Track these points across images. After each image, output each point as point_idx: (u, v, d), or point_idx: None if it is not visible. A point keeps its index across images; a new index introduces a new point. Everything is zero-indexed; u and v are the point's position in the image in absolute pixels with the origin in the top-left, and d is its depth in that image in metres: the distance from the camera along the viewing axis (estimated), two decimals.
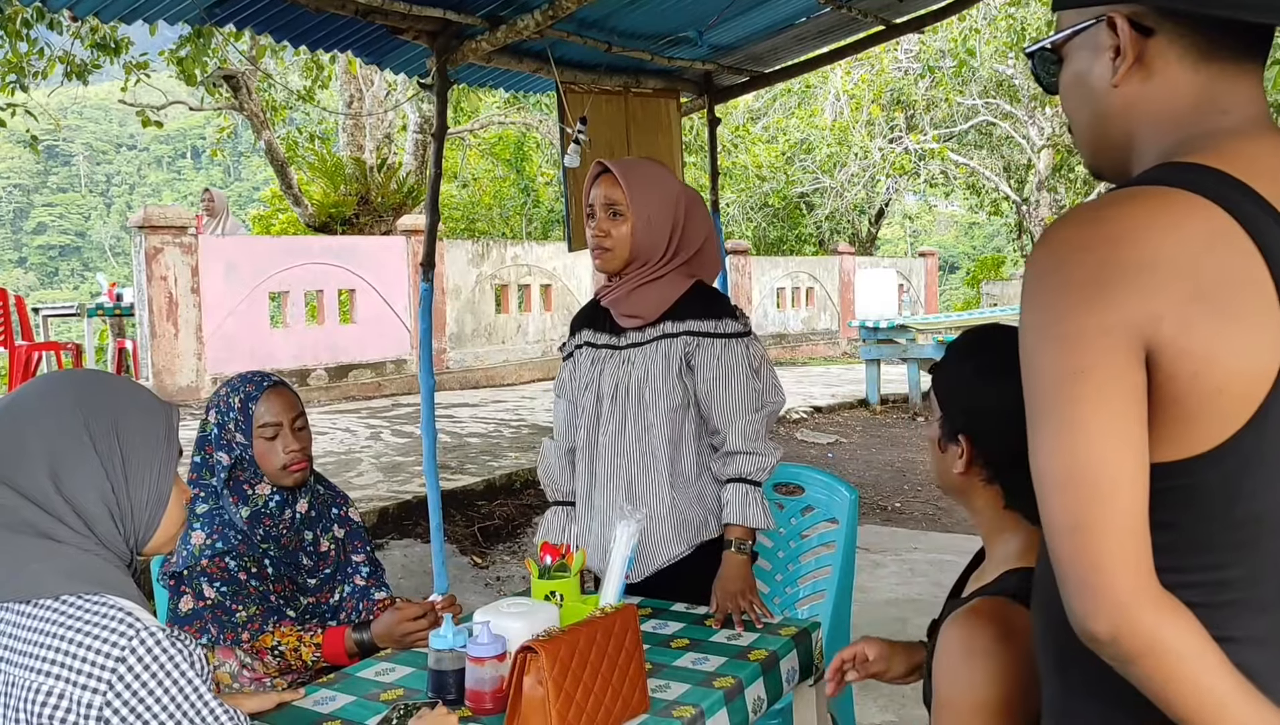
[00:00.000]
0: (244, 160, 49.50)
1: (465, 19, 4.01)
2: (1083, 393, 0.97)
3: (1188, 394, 0.97)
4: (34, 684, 1.29)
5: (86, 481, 1.39)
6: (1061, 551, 0.99)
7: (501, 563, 5.65)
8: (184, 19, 4.01)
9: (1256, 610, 1.00)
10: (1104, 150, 1.17)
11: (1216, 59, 1.07)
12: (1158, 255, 0.97)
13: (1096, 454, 0.97)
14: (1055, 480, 0.99)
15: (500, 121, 18.73)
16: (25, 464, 1.37)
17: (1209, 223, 0.98)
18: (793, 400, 10.82)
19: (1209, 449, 0.98)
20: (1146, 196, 1.01)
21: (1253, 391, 0.96)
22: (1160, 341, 0.96)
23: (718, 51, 5.10)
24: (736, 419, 2.47)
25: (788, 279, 17.76)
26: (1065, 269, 1.00)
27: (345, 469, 6.78)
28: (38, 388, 1.46)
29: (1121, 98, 1.11)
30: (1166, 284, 0.96)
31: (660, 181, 2.55)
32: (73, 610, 1.32)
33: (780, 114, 20.94)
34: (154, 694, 1.29)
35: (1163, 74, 1.09)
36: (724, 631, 2.28)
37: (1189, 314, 0.95)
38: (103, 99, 47.40)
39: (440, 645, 1.89)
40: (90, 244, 52.83)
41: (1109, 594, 0.97)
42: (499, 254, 12.80)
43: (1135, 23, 1.08)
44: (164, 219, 9.41)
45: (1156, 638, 0.96)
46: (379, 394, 11.06)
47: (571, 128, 4.52)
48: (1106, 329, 0.97)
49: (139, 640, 1.30)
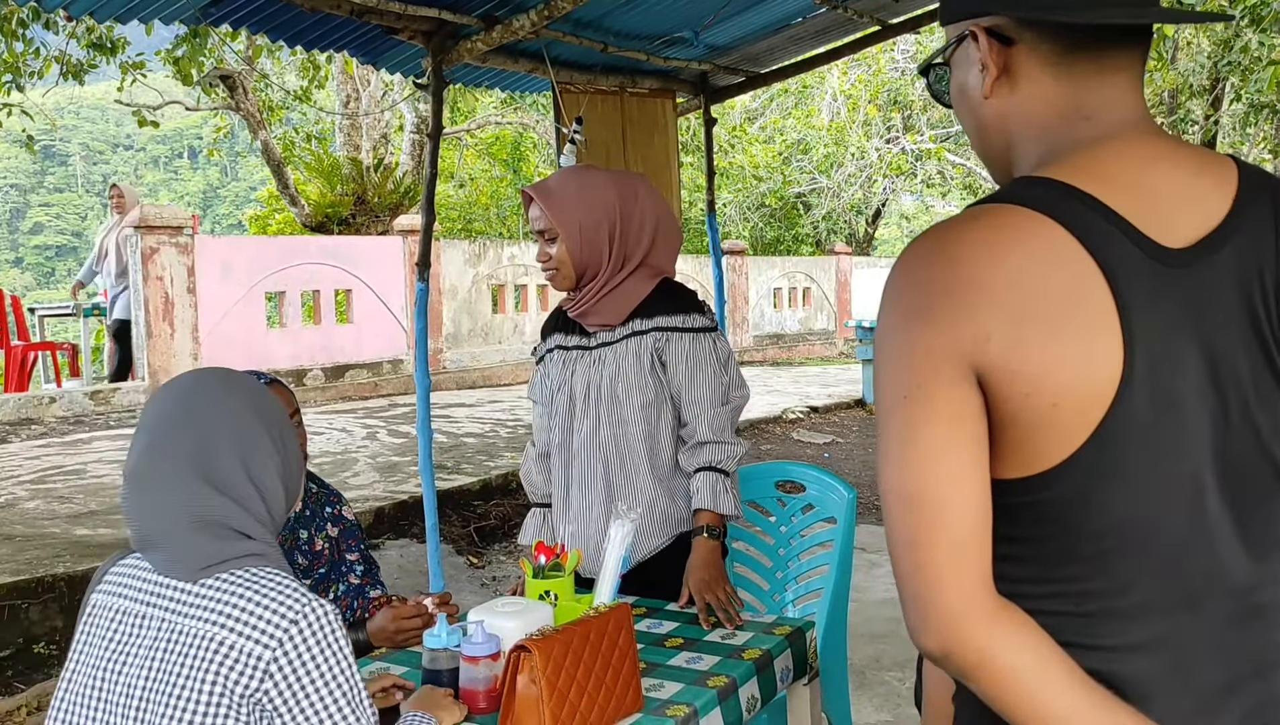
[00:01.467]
0: (240, 160, 49.50)
1: (460, 19, 4.02)
2: (914, 413, 0.98)
3: (1023, 412, 0.97)
4: (209, 634, 1.42)
5: (268, 464, 1.56)
6: (898, 568, 1.00)
7: (497, 562, 5.65)
8: (180, 19, 4.01)
9: (1130, 617, 1.00)
10: (991, 160, 1.17)
11: (1076, 64, 1.06)
12: (989, 276, 0.97)
13: (926, 473, 0.97)
14: (891, 498, 1.00)
15: (497, 121, 18.74)
16: (220, 460, 1.51)
17: (1043, 240, 0.97)
18: (789, 400, 10.83)
19: (1054, 465, 0.97)
20: (986, 216, 1.01)
21: (1091, 408, 0.95)
22: (989, 362, 0.96)
23: (714, 52, 5.10)
24: (705, 411, 2.49)
25: (784, 279, 17.77)
26: (908, 290, 1.01)
27: (341, 469, 6.78)
28: (200, 389, 1.59)
29: (993, 109, 1.11)
30: (994, 305, 0.96)
31: (584, 190, 2.53)
32: (251, 578, 1.47)
33: (777, 114, 20.93)
34: (315, 658, 1.43)
35: (1027, 84, 1.08)
36: (717, 630, 2.28)
37: (1018, 334, 0.95)
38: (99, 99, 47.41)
39: (435, 644, 1.89)
40: (87, 244, 52.69)
41: (938, 609, 0.97)
42: (495, 254, 12.80)
43: (997, 34, 1.08)
44: (160, 219, 9.40)
45: (988, 652, 0.96)
46: (375, 394, 11.05)
47: (567, 128, 4.53)
48: (935, 350, 0.97)
49: (310, 609, 1.44)
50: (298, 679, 1.41)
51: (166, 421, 1.54)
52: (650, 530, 2.53)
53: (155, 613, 1.47)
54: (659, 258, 2.60)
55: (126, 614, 1.50)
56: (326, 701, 1.43)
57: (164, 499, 1.50)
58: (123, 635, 1.49)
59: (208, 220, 49.20)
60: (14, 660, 4.03)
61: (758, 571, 3.11)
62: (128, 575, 1.54)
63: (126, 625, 1.49)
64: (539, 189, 2.56)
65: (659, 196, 2.63)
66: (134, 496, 1.53)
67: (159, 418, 1.55)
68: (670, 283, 2.62)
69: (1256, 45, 8.64)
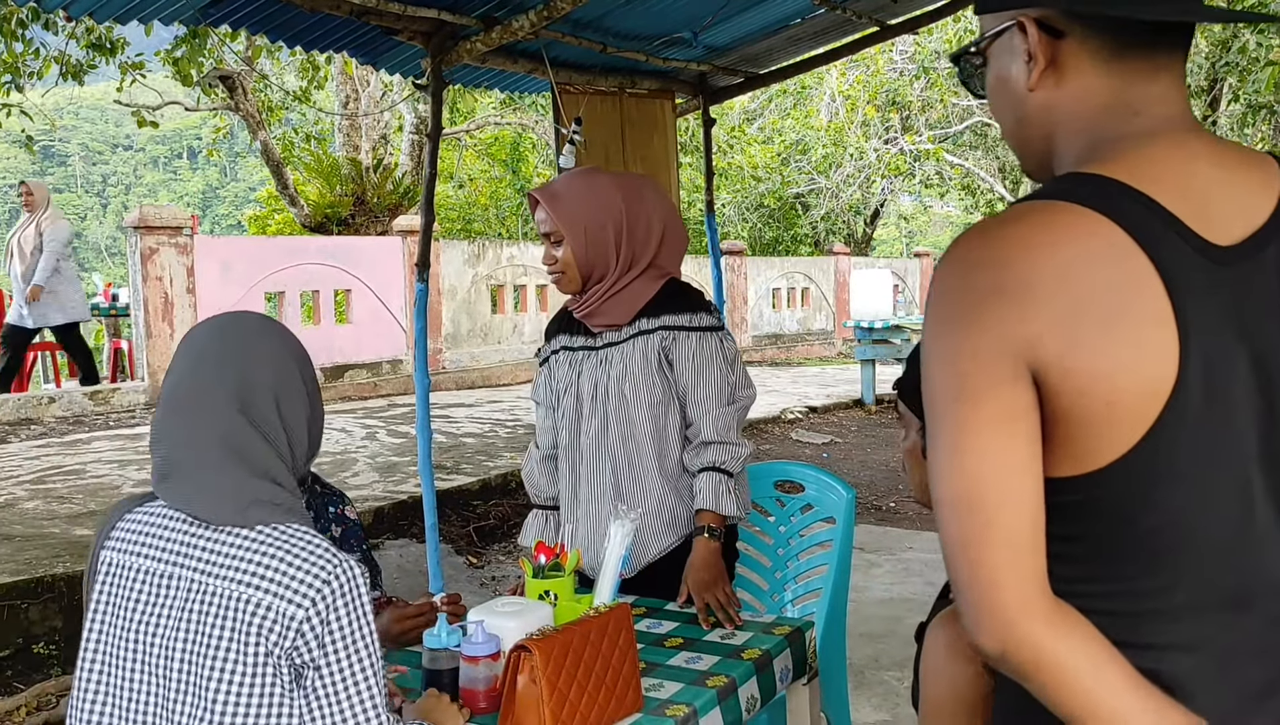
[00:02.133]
0: (240, 160, 49.46)
1: (460, 20, 4.02)
2: (967, 413, 0.98)
3: (1077, 410, 0.96)
4: (244, 596, 1.44)
5: (299, 408, 1.60)
6: (954, 570, 1.00)
7: (496, 562, 5.65)
8: (179, 19, 4.01)
9: (1176, 617, 1.00)
10: (1028, 154, 1.17)
11: (1127, 60, 1.06)
12: (1039, 274, 0.96)
13: (981, 473, 0.97)
14: (946, 500, 0.99)
15: (496, 122, 18.74)
16: (259, 393, 1.54)
17: (1095, 238, 0.97)
18: (788, 400, 10.83)
19: (1108, 463, 0.97)
20: (1036, 213, 1.01)
21: (1146, 406, 0.95)
22: (1044, 361, 0.96)
23: (713, 52, 5.10)
24: (710, 410, 2.49)
25: (783, 279, 17.77)
26: (953, 291, 1.01)
27: (341, 469, 6.78)
28: (245, 324, 1.63)
29: (1037, 102, 1.11)
30: (1047, 303, 0.95)
31: (590, 192, 2.52)
32: (283, 537, 1.49)
33: (776, 115, 20.93)
34: (342, 616, 1.46)
35: (1075, 77, 1.08)
36: (717, 630, 2.29)
37: (1071, 332, 0.95)
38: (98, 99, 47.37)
39: (435, 644, 1.89)
40: (86, 244, 52.71)
41: (996, 610, 0.97)
42: (494, 254, 12.80)
43: (1046, 26, 1.08)
44: (159, 219, 9.40)
45: (1045, 652, 0.96)
46: (375, 394, 11.05)
47: (567, 128, 4.53)
48: (987, 350, 0.97)
49: (342, 569, 1.47)
50: (329, 636, 1.45)
51: (209, 351, 1.57)
52: (659, 531, 2.53)
53: (183, 573, 1.48)
54: (665, 259, 2.59)
55: (151, 574, 1.50)
56: (352, 658, 1.47)
57: (198, 422, 1.51)
58: (149, 597, 1.49)
59: (207, 220, 49.21)
60: (13, 660, 4.03)
61: (757, 571, 3.11)
62: (146, 530, 1.54)
63: (151, 586, 1.49)
64: (545, 192, 2.54)
65: (666, 198, 2.62)
66: (168, 418, 1.54)
67: (200, 347, 1.59)
68: (676, 282, 2.61)
69: (1254, 46, 8.65)
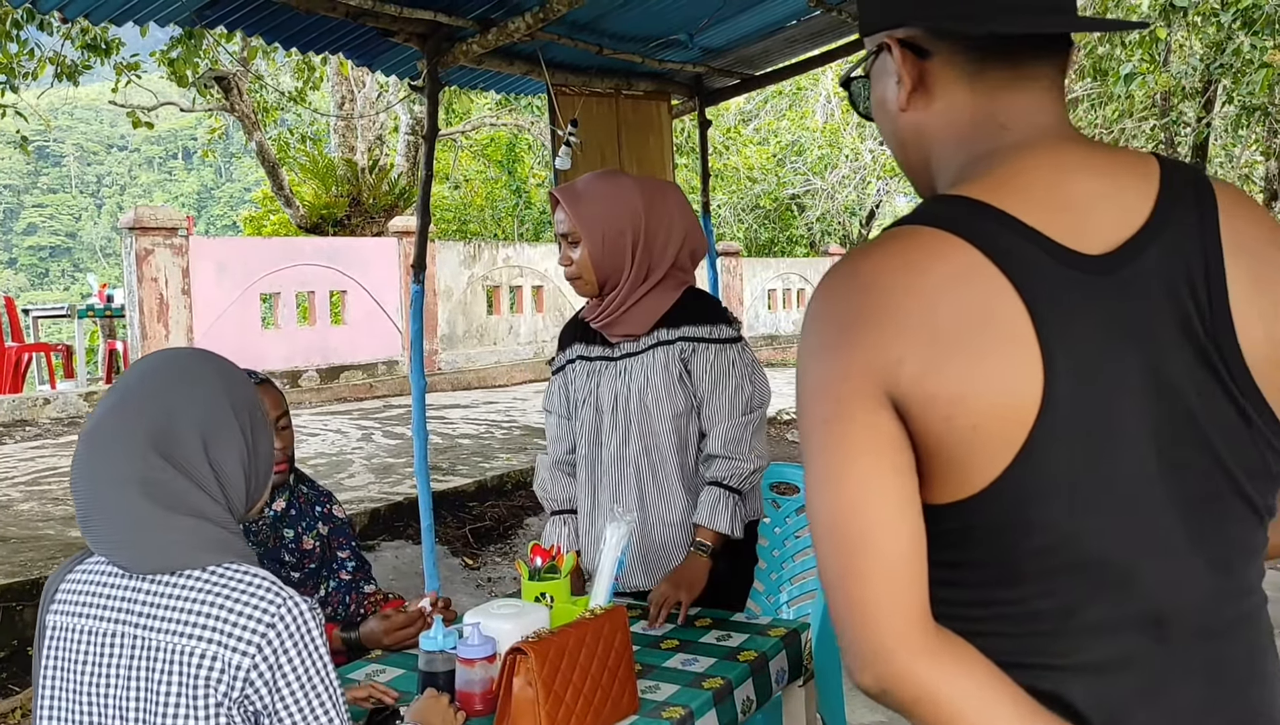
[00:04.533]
0: (235, 161, 49.40)
1: (456, 21, 4.02)
2: (833, 442, 0.96)
3: (946, 436, 0.94)
4: (186, 648, 1.37)
5: (230, 448, 1.48)
6: (831, 604, 0.97)
7: (493, 564, 5.65)
8: (174, 21, 4.01)
9: (1086, 636, 0.97)
10: (911, 174, 1.15)
11: (989, 73, 1.04)
12: (898, 300, 0.95)
13: (856, 501, 0.95)
14: (821, 530, 0.97)
15: (492, 123, 18.72)
16: (180, 434, 1.44)
17: (954, 261, 0.95)
18: (784, 401, 10.83)
19: (982, 488, 0.94)
20: (896, 240, 0.99)
21: (1012, 428, 0.93)
22: (904, 387, 0.94)
23: (708, 54, 5.11)
24: (720, 423, 2.46)
25: (779, 280, 17.80)
26: (824, 317, 1.00)
27: (337, 470, 6.77)
28: (176, 363, 1.54)
29: (910, 123, 1.10)
30: (905, 329, 0.94)
31: (610, 196, 2.48)
32: (220, 579, 1.40)
33: (771, 116, 20.96)
34: (293, 659, 1.39)
35: (943, 96, 1.07)
36: (713, 632, 2.29)
37: (931, 357, 0.93)
38: (93, 100, 47.35)
39: (430, 647, 1.90)
40: (81, 245, 52.71)
41: (872, 646, 0.94)
42: (491, 255, 12.80)
43: (912, 46, 1.06)
44: (155, 220, 9.39)
45: (926, 687, 0.93)
46: (370, 395, 11.05)
47: (563, 130, 4.53)
48: (849, 376, 0.95)
49: (286, 609, 1.39)
50: (282, 680, 1.39)
51: (133, 389, 1.49)
52: (683, 542, 2.49)
53: (125, 629, 1.41)
54: (684, 266, 2.55)
55: (94, 634, 1.43)
56: (312, 700, 1.41)
57: (111, 462, 1.42)
58: (95, 657, 1.42)
59: (202, 221, 49.15)
60: (8, 663, 4.03)
61: (754, 573, 3.11)
62: (85, 589, 1.46)
63: (96, 647, 1.42)
64: (565, 192, 2.51)
65: (687, 205, 2.59)
66: (83, 457, 1.45)
67: (127, 385, 1.50)
68: (695, 291, 2.57)
69: (1248, 48, 8.65)
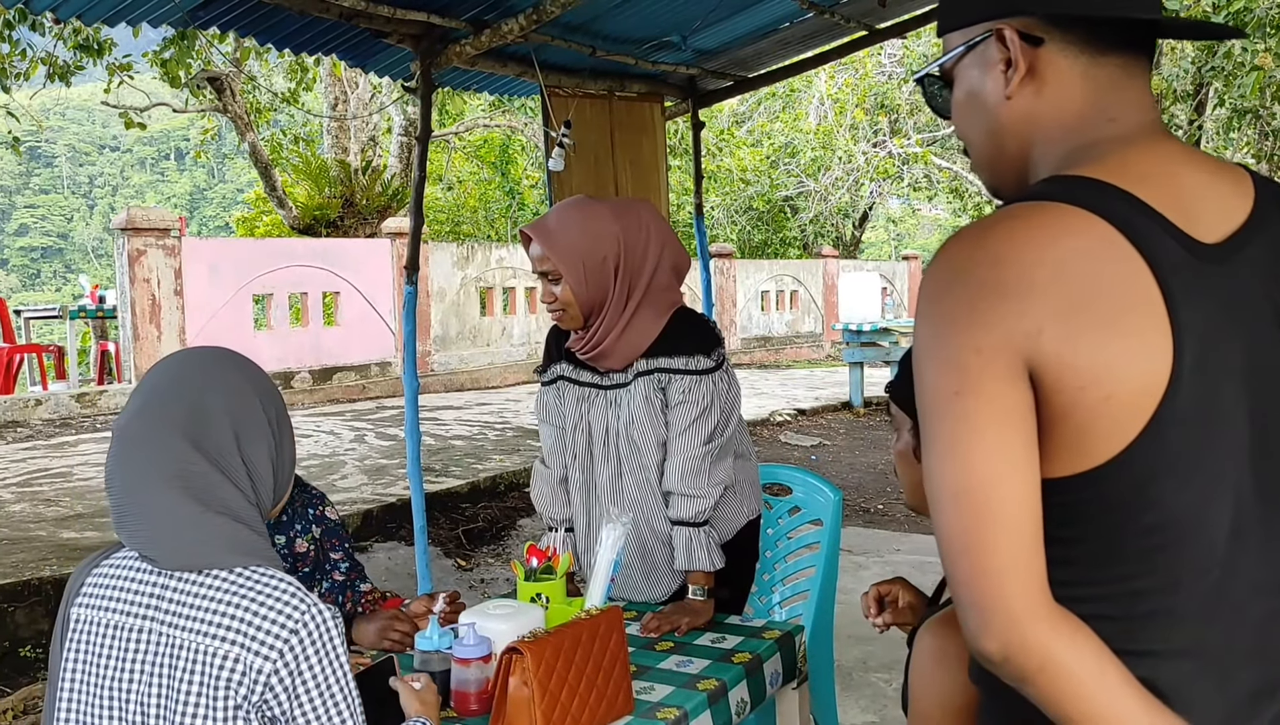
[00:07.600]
0: (228, 162, 49.34)
1: (449, 22, 4.02)
2: (962, 414, 0.97)
3: (1077, 406, 0.96)
4: (210, 648, 1.39)
5: (260, 444, 1.52)
6: (954, 572, 0.99)
7: (485, 565, 5.65)
8: (167, 21, 4.00)
9: (1174, 620, 1.00)
10: (1001, 166, 1.17)
11: (1103, 66, 1.07)
12: (1035, 271, 0.97)
13: (980, 474, 0.96)
14: (943, 502, 0.99)
15: (485, 124, 18.72)
16: (214, 426, 1.47)
17: (1088, 235, 0.98)
18: (776, 403, 10.86)
19: (1106, 461, 0.97)
20: (1027, 212, 1.01)
21: (1143, 400, 0.95)
22: (1042, 357, 0.96)
23: (702, 56, 5.11)
24: (677, 456, 2.43)
25: (772, 282, 17.81)
26: (949, 290, 1.01)
27: (329, 472, 6.76)
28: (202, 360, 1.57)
29: (1015, 111, 1.11)
30: (1043, 300, 0.96)
31: (584, 224, 2.44)
32: (248, 582, 1.42)
33: (764, 118, 20.96)
34: (313, 667, 1.41)
35: (1053, 84, 1.09)
36: (708, 634, 2.30)
37: (1069, 327, 0.95)
38: (85, 100, 47.21)
39: (426, 646, 1.90)
40: (73, 246, 52.52)
41: (999, 612, 0.96)
42: (484, 257, 12.79)
43: (1024, 34, 1.09)
44: (147, 221, 9.38)
45: (1049, 656, 0.95)
46: (363, 396, 11.03)
47: (556, 131, 4.53)
48: (982, 348, 0.97)
49: (310, 616, 1.41)
50: (301, 687, 1.40)
51: (163, 386, 1.52)
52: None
53: (151, 625, 1.43)
54: (665, 284, 2.51)
55: (120, 629, 1.45)
56: (329, 708, 1.42)
57: (150, 459, 1.44)
58: (119, 652, 1.44)
59: (195, 222, 48.99)
60: (0, 663, 4.02)
61: None
62: (111, 583, 1.48)
63: (121, 642, 1.44)
64: (538, 229, 2.46)
65: (663, 220, 2.56)
66: (119, 455, 1.47)
67: (156, 382, 1.53)
68: (683, 312, 2.53)
69: (1240, 51, 8.69)
